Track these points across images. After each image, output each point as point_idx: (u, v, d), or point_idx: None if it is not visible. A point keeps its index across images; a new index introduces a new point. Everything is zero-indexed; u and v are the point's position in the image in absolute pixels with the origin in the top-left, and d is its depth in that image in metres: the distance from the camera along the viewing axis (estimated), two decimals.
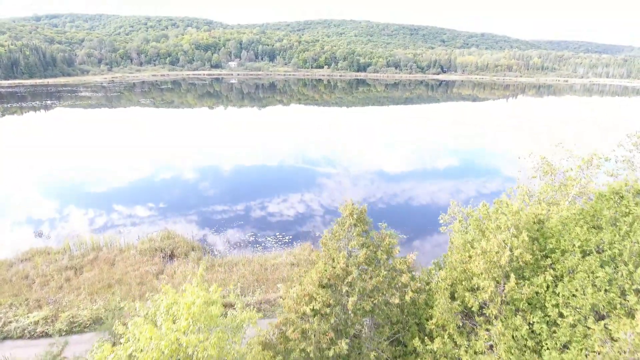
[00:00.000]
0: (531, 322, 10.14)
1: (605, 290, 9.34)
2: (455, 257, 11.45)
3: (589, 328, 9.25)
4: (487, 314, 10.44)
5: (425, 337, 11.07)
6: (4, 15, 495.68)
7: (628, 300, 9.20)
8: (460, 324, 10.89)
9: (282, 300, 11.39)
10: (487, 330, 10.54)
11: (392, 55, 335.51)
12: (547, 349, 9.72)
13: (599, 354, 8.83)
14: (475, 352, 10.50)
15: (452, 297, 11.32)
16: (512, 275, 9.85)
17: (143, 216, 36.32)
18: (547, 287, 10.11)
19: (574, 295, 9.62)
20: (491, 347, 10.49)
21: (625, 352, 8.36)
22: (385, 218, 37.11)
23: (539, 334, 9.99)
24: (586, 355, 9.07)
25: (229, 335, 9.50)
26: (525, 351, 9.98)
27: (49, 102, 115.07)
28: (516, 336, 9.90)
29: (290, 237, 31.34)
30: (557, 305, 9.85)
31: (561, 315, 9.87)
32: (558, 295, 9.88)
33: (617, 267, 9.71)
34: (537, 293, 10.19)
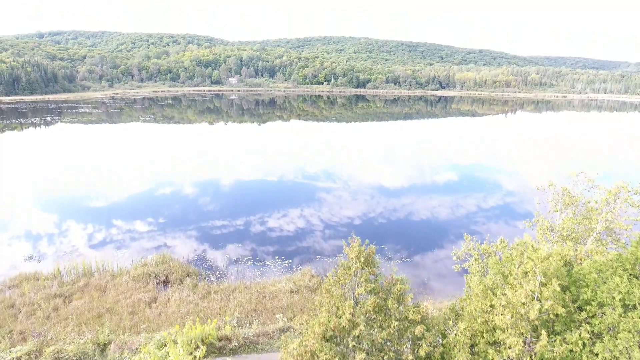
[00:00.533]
0: None
1: None
2: (474, 306, 10.26)
3: None
4: None
5: None
6: (8, 32, 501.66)
7: None
8: None
9: (282, 356, 10.17)
10: None
11: (391, 71, 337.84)
12: None
13: None
14: None
15: (472, 350, 10.09)
16: (544, 332, 8.68)
17: (139, 234, 35.19)
18: (584, 345, 8.94)
19: (616, 357, 8.47)
20: None
21: None
22: (386, 233, 36.65)
23: None
24: None
25: None
26: None
27: (48, 118, 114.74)
28: None
29: (290, 261, 30.06)
30: None
31: None
32: (597, 356, 8.71)
33: None
34: (571, 351, 9.02)
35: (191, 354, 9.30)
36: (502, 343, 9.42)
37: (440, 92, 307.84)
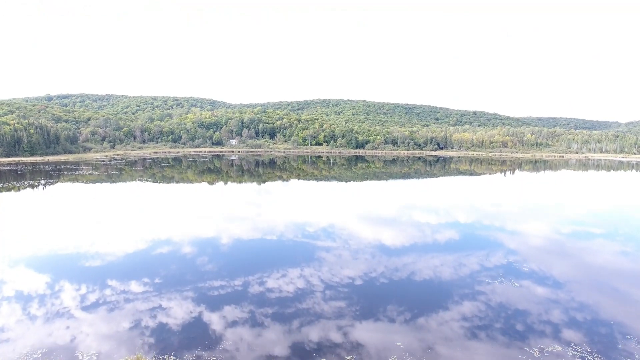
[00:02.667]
0: None
1: None
2: None
3: None
4: None
5: None
6: (19, 94, 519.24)
7: None
8: None
9: None
10: None
11: (389, 132, 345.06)
12: None
13: None
14: None
15: None
16: None
17: (117, 311, 31.34)
18: None
19: None
20: None
21: None
22: (388, 293, 32.82)
23: None
24: None
25: None
26: None
27: (43, 180, 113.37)
28: None
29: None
30: None
31: None
32: None
33: None
34: None
35: None
36: None
37: (439, 153, 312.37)
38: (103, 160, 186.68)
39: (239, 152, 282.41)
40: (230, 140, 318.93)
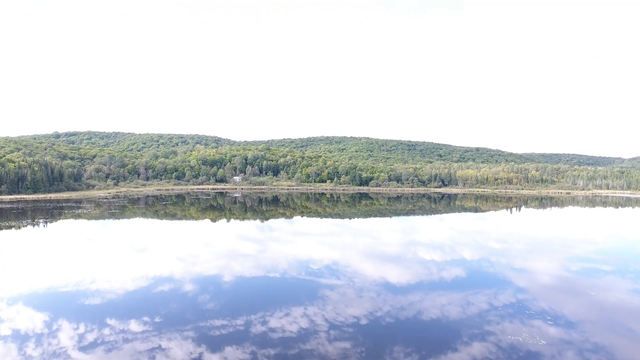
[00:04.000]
0: None
1: None
2: None
3: None
4: None
5: None
6: (27, 132, 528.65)
7: None
8: None
9: None
10: None
11: (393, 169, 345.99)
12: None
13: None
14: None
15: None
16: None
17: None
18: None
19: None
20: None
21: None
22: (394, 334, 30.92)
23: None
24: None
25: None
26: None
27: (42, 219, 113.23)
28: None
29: None
30: None
31: None
32: None
33: None
34: None
35: None
36: None
37: (443, 189, 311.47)
38: (106, 198, 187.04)
39: (242, 189, 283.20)
40: (234, 177, 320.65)
